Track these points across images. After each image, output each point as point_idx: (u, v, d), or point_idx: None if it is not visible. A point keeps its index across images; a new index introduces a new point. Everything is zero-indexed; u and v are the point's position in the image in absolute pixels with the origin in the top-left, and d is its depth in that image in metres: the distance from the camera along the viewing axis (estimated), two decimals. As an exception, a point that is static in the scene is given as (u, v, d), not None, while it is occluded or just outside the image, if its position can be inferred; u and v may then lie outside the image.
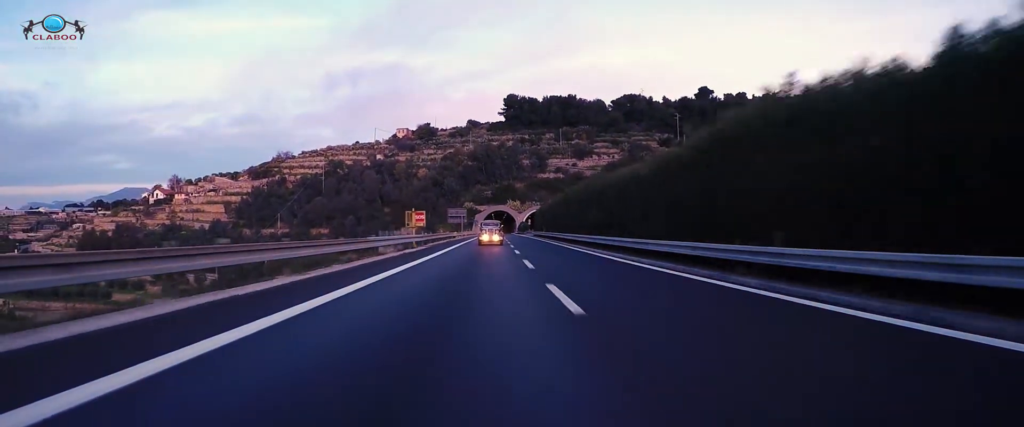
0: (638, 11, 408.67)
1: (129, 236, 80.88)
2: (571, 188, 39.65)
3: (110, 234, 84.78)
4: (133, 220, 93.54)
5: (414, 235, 26.44)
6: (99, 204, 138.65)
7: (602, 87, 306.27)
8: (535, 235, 42.02)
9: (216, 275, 9.82)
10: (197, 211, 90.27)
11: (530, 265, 11.09)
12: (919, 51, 6.49)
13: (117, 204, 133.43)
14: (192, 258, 7.88)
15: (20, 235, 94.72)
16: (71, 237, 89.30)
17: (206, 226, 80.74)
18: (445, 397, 2.45)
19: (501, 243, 25.21)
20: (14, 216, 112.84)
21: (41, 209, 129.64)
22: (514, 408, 2.30)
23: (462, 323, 4.56)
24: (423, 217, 30.76)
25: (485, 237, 26.16)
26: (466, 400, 2.41)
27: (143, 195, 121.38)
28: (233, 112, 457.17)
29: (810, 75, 11.79)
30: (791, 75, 9.15)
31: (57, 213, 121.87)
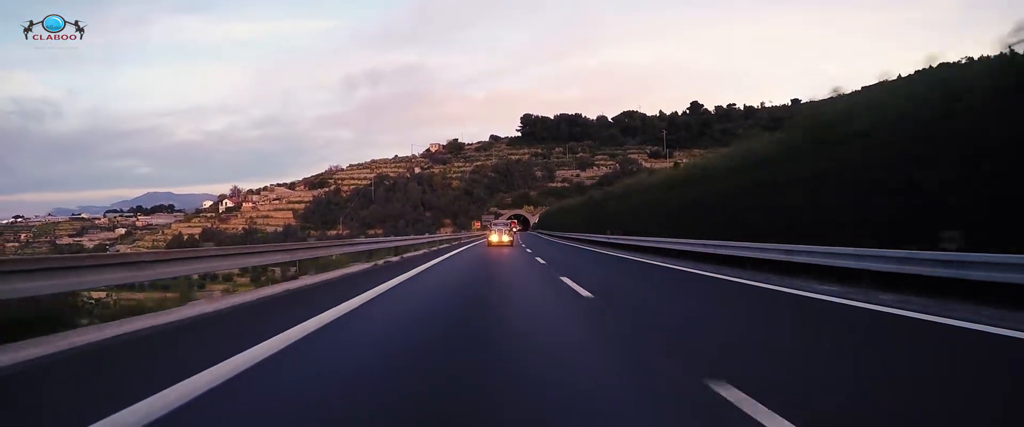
0: (651, 13, 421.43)
1: (215, 238, 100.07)
2: (554, 207, 58.37)
3: (197, 237, 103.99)
4: (210, 225, 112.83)
5: (474, 233, 47.42)
6: (139, 209, 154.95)
7: (608, 99, 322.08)
8: (537, 233, 56.83)
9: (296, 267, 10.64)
10: (266, 217, 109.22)
11: (580, 289, 7.17)
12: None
13: (155, 208, 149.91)
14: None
15: (66, 240, 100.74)
16: (155, 240, 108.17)
17: (279, 229, 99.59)
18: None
19: (511, 244, 23.56)
20: (59, 222, 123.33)
21: (83, 215, 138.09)
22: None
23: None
24: (479, 224, 53.20)
25: (494, 237, 24.22)
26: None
27: (204, 204, 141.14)
28: (253, 115, 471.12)
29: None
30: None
31: (99, 218, 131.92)
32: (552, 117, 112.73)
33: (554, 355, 3.63)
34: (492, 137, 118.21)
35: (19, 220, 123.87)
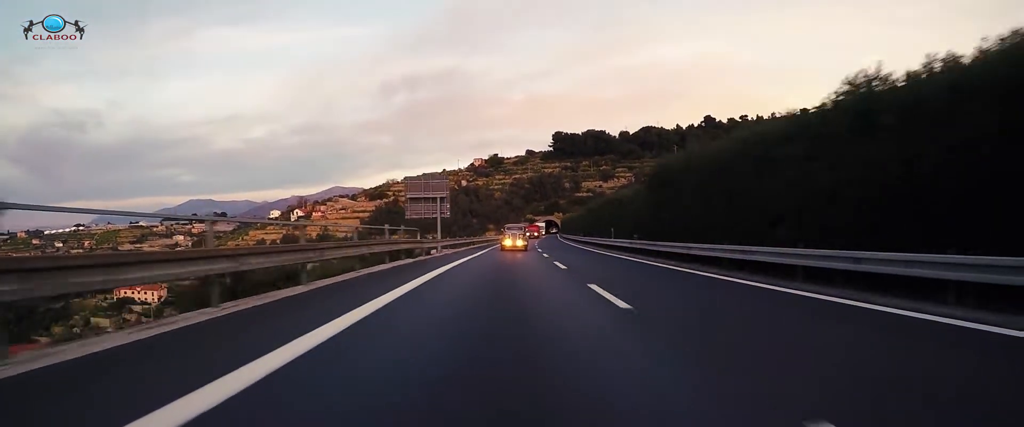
0: (688, 10, 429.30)
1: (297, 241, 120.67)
2: (570, 215, 74.95)
3: (278, 241, 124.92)
4: (287, 231, 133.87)
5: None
6: (194, 217, 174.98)
7: (645, 98, 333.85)
8: (557, 236, 70.17)
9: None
10: (335, 225, 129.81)
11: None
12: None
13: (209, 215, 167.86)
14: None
15: (127, 246, 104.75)
16: (236, 245, 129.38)
17: (349, 234, 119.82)
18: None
19: (525, 248, 24.63)
20: (119, 230, 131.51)
21: (141, 223, 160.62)
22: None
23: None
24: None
25: (508, 241, 25.30)
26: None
27: (272, 213, 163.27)
28: (293, 122, 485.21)
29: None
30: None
31: (156, 226, 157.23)
32: (580, 133, 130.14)
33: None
34: (528, 152, 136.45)
35: (81, 228, 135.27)
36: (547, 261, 16.70)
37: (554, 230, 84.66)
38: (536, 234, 61.11)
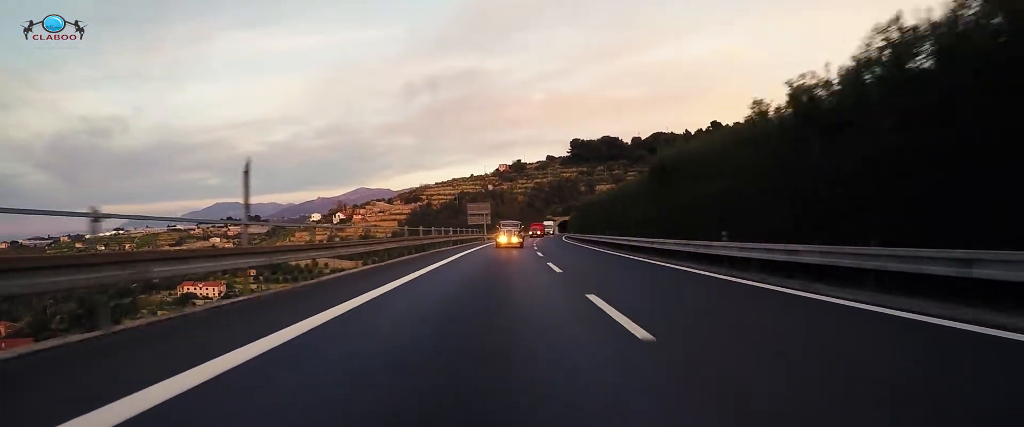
0: (703, 8, 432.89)
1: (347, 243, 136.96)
2: (573, 216, 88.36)
3: (324, 241, 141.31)
4: (331, 234, 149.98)
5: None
6: (229, 220, 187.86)
7: (662, 98, 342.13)
8: (564, 237, 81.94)
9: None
10: (375, 226, 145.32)
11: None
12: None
13: (252, 219, 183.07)
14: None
15: (165, 248, 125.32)
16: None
17: (388, 234, 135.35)
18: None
19: (520, 246, 25.89)
20: (158, 234, 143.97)
21: (178, 227, 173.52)
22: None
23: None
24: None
25: (503, 238, 26.64)
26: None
27: (312, 216, 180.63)
28: (315, 125, 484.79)
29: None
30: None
31: (194, 229, 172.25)
32: (596, 139, 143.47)
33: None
34: (548, 157, 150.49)
35: (121, 232, 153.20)
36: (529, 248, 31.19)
37: (520, 231, 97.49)
38: (540, 233, 66.20)
